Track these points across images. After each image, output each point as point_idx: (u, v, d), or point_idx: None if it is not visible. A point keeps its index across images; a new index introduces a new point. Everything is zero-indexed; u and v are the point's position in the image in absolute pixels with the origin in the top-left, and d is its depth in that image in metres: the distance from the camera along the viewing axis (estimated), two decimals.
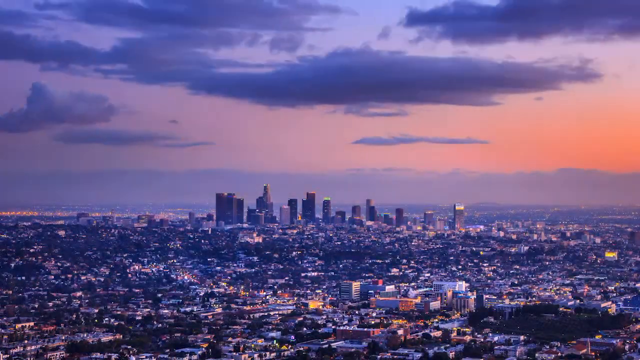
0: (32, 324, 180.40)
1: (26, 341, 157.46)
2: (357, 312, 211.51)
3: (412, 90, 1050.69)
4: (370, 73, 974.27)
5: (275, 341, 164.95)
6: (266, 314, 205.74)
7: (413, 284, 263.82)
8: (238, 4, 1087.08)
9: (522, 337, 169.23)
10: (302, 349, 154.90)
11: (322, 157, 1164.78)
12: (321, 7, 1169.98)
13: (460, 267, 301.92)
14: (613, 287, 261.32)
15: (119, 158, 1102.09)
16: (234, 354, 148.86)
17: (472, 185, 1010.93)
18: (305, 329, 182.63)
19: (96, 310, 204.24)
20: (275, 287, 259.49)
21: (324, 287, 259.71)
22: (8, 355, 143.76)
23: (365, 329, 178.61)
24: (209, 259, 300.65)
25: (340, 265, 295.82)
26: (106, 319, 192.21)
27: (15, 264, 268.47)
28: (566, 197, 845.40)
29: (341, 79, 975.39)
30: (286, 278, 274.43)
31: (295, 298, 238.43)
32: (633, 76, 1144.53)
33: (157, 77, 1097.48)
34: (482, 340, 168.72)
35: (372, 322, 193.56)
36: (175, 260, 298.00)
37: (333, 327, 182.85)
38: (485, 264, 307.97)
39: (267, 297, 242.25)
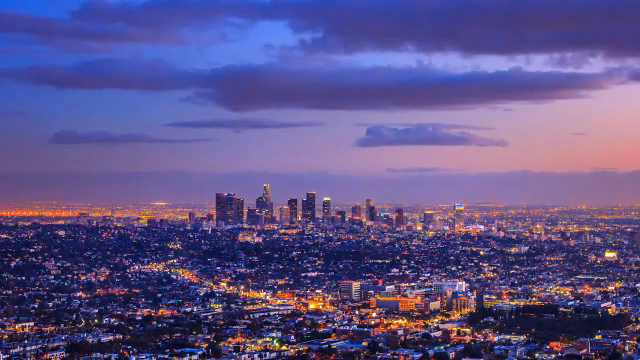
0: (32, 324, 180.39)
1: (26, 341, 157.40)
2: (357, 312, 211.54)
3: (409, 93, 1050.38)
4: (361, 78, 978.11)
5: (275, 341, 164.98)
6: (266, 314, 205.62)
7: (413, 284, 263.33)
8: None
9: (522, 337, 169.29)
10: (302, 349, 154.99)
11: (322, 157, 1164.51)
12: None
13: (460, 267, 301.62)
14: (613, 287, 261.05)
15: (118, 158, 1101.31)
16: (234, 354, 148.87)
17: (472, 185, 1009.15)
18: (305, 329, 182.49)
19: (96, 310, 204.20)
20: (275, 287, 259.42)
21: (324, 287, 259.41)
22: (8, 355, 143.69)
23: (365, 329, 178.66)
24: (209, 259, 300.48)
25: (340, 265, 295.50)
26: (106, 319, 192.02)
27: (15, 264, 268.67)
28: (566, 197, 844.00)
29: (339, 81, 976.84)
30: (286, 278, 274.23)
31: (295, 298, 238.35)
32: None
33: (157, 81, 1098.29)
34: (482, 340, 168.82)
35: (372, 322, 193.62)
36: (175, 260, 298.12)
37: (333, 327, 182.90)
38: (485, 264, 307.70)
39: (267, 297, 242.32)
